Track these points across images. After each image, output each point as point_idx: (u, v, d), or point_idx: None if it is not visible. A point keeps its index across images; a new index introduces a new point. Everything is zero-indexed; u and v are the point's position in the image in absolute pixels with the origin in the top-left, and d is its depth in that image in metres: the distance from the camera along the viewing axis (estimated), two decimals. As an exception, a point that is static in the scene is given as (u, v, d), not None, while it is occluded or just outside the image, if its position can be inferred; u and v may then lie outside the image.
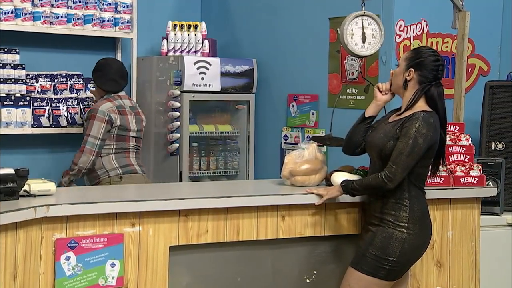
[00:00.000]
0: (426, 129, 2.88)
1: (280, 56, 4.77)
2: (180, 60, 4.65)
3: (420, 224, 2.95)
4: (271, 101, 4.83)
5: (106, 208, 2.75)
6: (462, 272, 3.36)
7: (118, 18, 4.64)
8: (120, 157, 4.03)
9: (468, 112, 3.80)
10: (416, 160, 2.89)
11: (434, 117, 2.93)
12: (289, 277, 3.13)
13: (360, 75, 4.11)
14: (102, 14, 4.59)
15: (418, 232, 2.94)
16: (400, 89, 3.02)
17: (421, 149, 2.87)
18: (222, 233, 2.96)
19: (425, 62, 2.96)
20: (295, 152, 3.29)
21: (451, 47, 4.23)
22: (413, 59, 2.99)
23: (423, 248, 3.00)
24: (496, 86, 3.94)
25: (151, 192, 3.24)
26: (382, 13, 3.95)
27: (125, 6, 4.67)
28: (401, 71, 3.01)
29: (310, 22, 4.57)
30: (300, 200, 3.08)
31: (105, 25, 4.60)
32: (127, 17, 4.68)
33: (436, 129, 2.93)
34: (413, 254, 2.98)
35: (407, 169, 2.88)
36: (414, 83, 2.98)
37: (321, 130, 4.51)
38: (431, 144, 2.92)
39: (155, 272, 2.84)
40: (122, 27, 4.67)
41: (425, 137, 2.87)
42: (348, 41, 3.44)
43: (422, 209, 2.97)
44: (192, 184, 3.55)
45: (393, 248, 2.91)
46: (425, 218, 2.98)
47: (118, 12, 4.65)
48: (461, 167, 3.35)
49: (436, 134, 2.93)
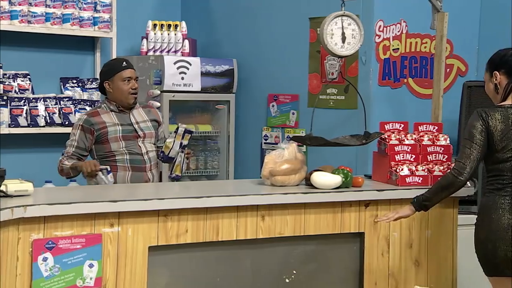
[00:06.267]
0: (475, 119, 2.93)
1: (261, 56, 4.77)
2: (160, 60, 4.63)
3: (482, 217, 2.96)
4: (251, 101, 4.83)
5: (84, 209, 2.73)
6: (439, 271, 3.39)
7: (97, 18, 4.61)
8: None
9: (446, 112, 3.84)
10: (474, 148, 2.90)
11: (493, 110, 2.95)
12: (268, 277, 3.13)
13: (340, 75, 4.13)
14: (81, 13, 4.56)
15: (479, 224, 2.97)
16: (496, 97, 3.05)
17: (472, 135, 2.90)
18: (202, 233, 2.95)
19: (504, 59, 3.02)
20: (275, 152, 3.29)
21: (429, 48, 4.27)
22: (491, 65, 3.06)
23: (484, 243, 2.94)
24: (473, 86, 3.98)
25: (130, 192, 3.22)
26: (362, 13, 3.97)
27: (104, 5, 4.64)
28: (487, 82, 3.07)
29: (290, 22, 4.58)
30: (280, 200, 3.08)
31: (84, 24, 4.56)
32: (106, 16, 4.65)
33: (485, 123, 2.92)
34: (479, 247, 2.96)
35: (471, 159, 2.89)
36: (503, 82, 3.02)
37: (301, 130, 4.52)
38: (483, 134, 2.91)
39: (134, 273, 2.83)
40: (102, 26, 4.64)
41: (472, 127, 2.92)
42: (328, 41, 3.45)
43: (487, 203, 2.95)
44: (172, 184, 3.53)
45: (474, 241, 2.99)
46: (488, 213, 2.94)
47: (97, 11, 4.62)
48: (439, 167, 3.38)
49: (486, 136, 2.92)
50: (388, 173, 3.37)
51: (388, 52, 4.19)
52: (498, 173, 2.96)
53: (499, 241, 2.91)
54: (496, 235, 2.91)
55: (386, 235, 3.28)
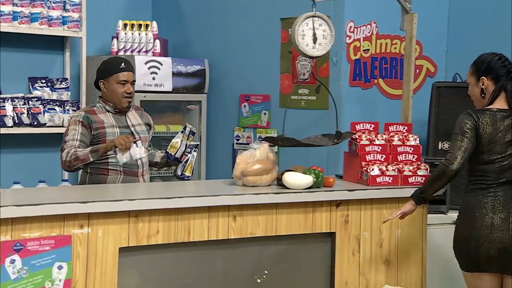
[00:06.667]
0: (466, 117, 3.02)
1: (232, 56, 4.77)
2: (130, 60, 4.57)
3: (465, 215, 3.04)
4: (223, 101, 4.82)
5: (53, 210, 2.70)
6: (409, 270, 3.42)
7: (66, 17, 4.56)
8: None
9: (416, 112, 3.88)
10: (464, 141, 2.97)
11: (482, 113, 3.02)
12: (240, 277, 3.12)
13: (311, 76, 4.14)
14: (49, 12, 4.50)
15: (462, 222, 3.06)
16: (481, 102, 3.11)
17: (463, 130, 2.99)
18: (173, 234, 2.94)
19: (491, 65, 3.07)
20: (246, 152, 3.29)
21: (399, 49, 4.31)
22: (478, 69, 3.10)
23: (467, 241, 3.01)
24: (442, 87, 4.03)
25: (100, 193, 3.19)
26: (333, 14, 3.99)
27: (73, 4, 4.59)
28: (473, 86, 3.12)
29: (262, 22, 4.58)
30: (251, 200, 3.08)
31: (53, 23, 4.51)
32: (76, 16, 4.60)
33: (476, 124, 3.00)
34: (461, 243, 3.05)
35: (461, 150, 2.96)
36: (490, 88, 3.07)
37: (273, 130, 4.53)
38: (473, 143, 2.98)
39: (104, 274, 2.80)
40: (71, 25, 4.58)
41: (463, 123, 3.00)
42: (299, 42, 3.46)
43: (471, 202, 3.03)
44: (143, 185, 3.50)
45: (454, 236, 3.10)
46: (472, 212, 3.02)
47: (67, 11, 4.57)
48: (409, 167, 3.41)
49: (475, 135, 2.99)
50: (359, 173, 3.40)
51: (359, 53, 4.22)
52: (483, 173, 3.03)
53: (482, 239, 2.98)
54: (480, 233, 2.99)
55: (357, 235, 3.30)
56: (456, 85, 4.07)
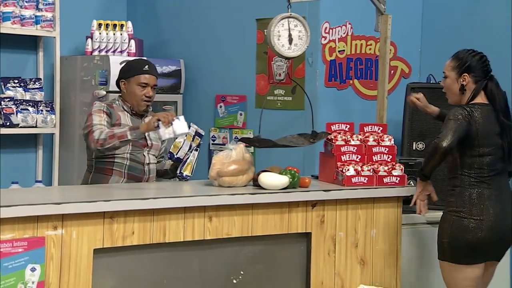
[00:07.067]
0: (459, 109, 3.16)
1: (208, 56, 4.76)
2: (105, 60, 4.56)
3: (470, 207, 3.14)
4: (198, 102, 4.81)
5: (26, 211, 2.66)
6: (384, 270, 3.44)
7: (39, 16, 4.50)
8: None
9: (390, 113, 3.91)
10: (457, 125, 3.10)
11: (472, 107, 3.16)
12: (216, 278, 3.12)
13: (287, 76, 4.15)
14: (22, 12, 4.44)
15: (467, 214, 3.14)
16: (458, 96, 3.24)
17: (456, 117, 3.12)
18: (149, 234, 2.92)
19: (473, 64, 3.20)
20: (222, 152, 3.28)
21: (374, 50, 4.34)
22: (461, 65, 3.21)
23: (474, 232, 3.13)
24: (417, 88, 4.05)
25: (75, 194, 3.16)
26: (308, 15, 4.00)
27: (47, 3, 4.54)
28: (453, 80, 3.23)
29: (237, 23, 4.58)
30: (227, 200, 3.08)
31: (25, 23, 4.45)
32: (49, 15, 4.55)
33: (469, 116, 3.14)
34: (463, 236, 3.13)
35: (453, 130, 3.10)
36: (471, 85, 3.20)
37: (249, 130, 4.53)
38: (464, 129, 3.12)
39: (78, 276, 2.77)
40: (44, 25, 4.53)
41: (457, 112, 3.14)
42: (275, 43, 3.46)
43: (472, 195, 3.16)
44: (118, 185, 3.48)
45: (445, 229, 3.18)
46: (478, 203, 3.14)
47: (40, 10, 4.51)
48: (384, 167, 3.43)
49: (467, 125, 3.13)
50: (334, 174, 3.41)
51: (334, 54, 4.24)
52: (479, 166, 3.17)
53: (488, 229, 3.13)
54: (487, 223, 3.13)
55: (333, 235, 3.32)
56: (430, 86, 4.11)
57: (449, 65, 3.25)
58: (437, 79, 4.14)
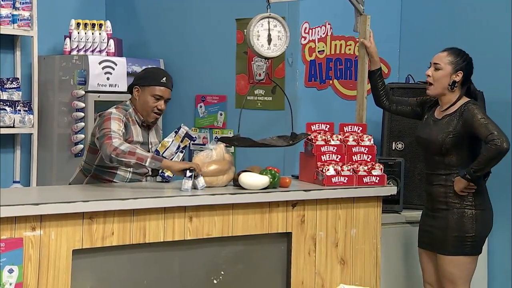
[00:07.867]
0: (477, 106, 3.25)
1: (188, 56, 4.74)
2: (84, 60, 4.53)
3: (484, 200, 3.28)
4: (178, 102, 4.79)
5: (4, 212, 2.63)
6: (364, 269, 3.46)
7: (16, 15, 4.45)
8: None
9: (370, 113, 3.93)
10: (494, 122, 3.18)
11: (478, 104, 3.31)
12: (196, 278, 3.11)
13: (267, 76, 4.15)
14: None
15: (485, 207, 3.27)
16: (444, 90, 3.28)
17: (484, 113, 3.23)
18: (128, 235, 2.90)
19: (469, 65, 3.28)
20: (203, 152, 3.28)
21: (354, 50, 4.36)
22: (460, 62, 3.25)
23: (492, 222, 3.31)
24: (396, 88, 4.09)
25: (53, 195, 3.13)
26: (288, 15, 4.01)
27: (24, 2, 4.49)
28: (446, 73, 3.25)
29: (217, 23, 4.57)
30: (207, 201, 3.07)
31: (2, 22, 4.40)
32: (26, 14, 4.50)
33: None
34: (487, 227, 3.29)
35: (498, 128, 3.15)
36: (460, 84, 3.25)
37: (229, 130, 4.53)
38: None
39: (57, 277, 2.75)
40: (22, 24, 4.49)
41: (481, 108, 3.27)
42: (255, 43, 3.47)
43: (483, 188, 3.30)
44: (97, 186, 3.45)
45: (469, 224, 3.23)
46: (488, 197, 3.31)
47: (17, 9, 4.46)
48: (364, 167, 3.45)
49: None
50: (314, 173, 3.42)
51: (314, 54, 4.26)
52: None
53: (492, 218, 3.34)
54: (493, 215, 3.33)
55: (313, 234, 3.33)
56: (409, 86, 4.14)
57: (445, 57, 3.26)
58: (415, 79, 4.18)
